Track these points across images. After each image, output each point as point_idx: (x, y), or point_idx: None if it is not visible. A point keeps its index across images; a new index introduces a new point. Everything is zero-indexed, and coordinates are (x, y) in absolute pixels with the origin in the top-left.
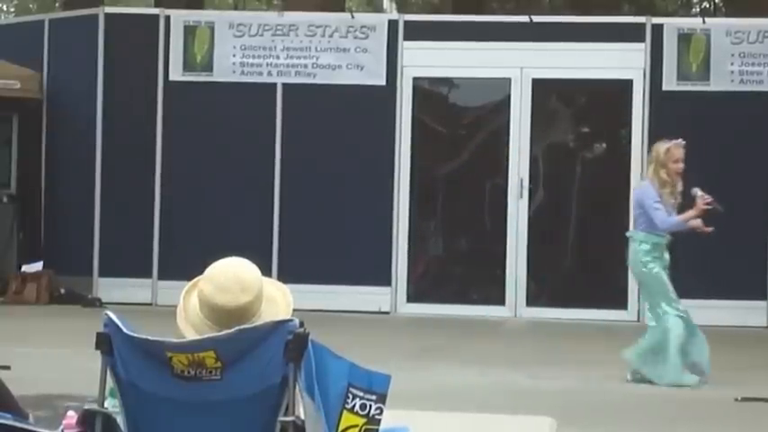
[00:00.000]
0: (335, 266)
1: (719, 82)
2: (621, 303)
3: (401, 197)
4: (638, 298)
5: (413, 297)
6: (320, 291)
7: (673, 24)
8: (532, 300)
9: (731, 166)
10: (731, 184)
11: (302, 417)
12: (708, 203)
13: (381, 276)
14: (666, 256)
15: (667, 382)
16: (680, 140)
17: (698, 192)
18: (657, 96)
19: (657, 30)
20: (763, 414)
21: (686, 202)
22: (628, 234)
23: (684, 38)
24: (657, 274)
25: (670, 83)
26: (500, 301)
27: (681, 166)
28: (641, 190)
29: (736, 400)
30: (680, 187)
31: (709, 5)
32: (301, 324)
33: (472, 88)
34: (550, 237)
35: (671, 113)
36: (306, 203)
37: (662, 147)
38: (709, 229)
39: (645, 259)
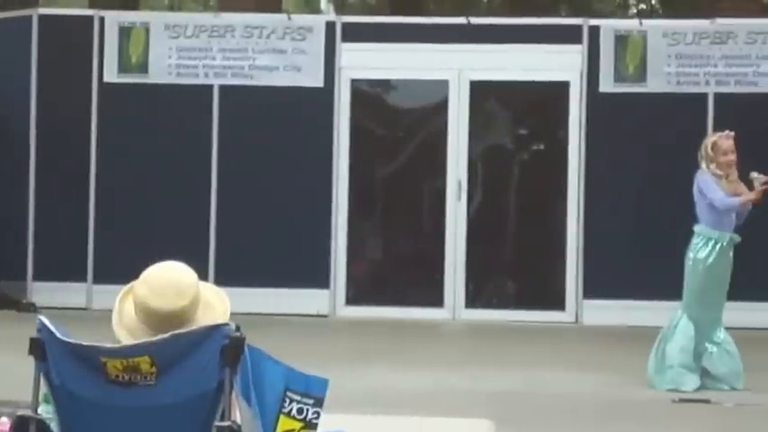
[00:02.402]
0: (273, 269)
1: (656, 83)
2: (559, 305)
3: (339, 199)
4: (576, 299)
5: (351, 300)
6: (258, 293)
7: (610, 26)
8: (471, 302)
9: (669, 168)
10: (668, 185)
11: (239, 422)
12: (766, 184)
13: (320, 279)
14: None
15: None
16: (728, 132)
17: (755, 175)
18: (594, 98)
19: (594, 31)
20: (701, 416)
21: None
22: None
23: (621, 39)
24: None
25: (607, 84)
26: (439, 303)
27: (731, 157)
28: (698, 176)
29: (674, 401)
30: (735, 176)
31: (647, 7)
32: (237, 328)
33: (410, 90)
34: (489, 238)
35: (608, 115)
36: (243, 206)
37: (708, 141)
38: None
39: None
